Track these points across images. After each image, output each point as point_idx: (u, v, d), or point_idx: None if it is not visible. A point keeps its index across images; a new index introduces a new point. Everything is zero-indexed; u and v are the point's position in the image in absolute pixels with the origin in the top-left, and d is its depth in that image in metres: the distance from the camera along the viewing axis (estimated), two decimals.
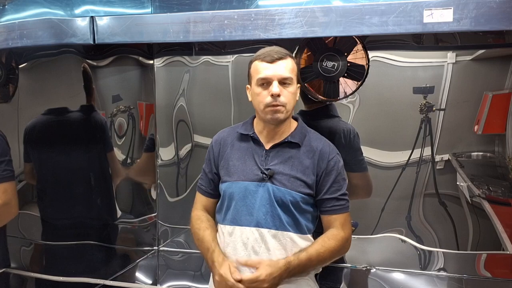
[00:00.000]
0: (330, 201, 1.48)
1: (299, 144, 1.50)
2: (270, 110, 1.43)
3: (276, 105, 1.42)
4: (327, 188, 1.48)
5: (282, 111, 1.43)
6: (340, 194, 1.49)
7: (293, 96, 1.45)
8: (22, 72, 2.07)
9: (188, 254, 2.16)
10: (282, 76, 1.42)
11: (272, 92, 1.41)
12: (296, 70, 1.47)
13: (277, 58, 1.42)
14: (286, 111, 1.44)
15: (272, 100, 1.42)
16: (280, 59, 1.42)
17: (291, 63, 1.44)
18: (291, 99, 1.44)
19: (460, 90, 1.73)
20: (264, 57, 1.43)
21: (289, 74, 1.42)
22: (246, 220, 1.47)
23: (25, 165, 2.10)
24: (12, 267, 2.10)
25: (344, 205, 1.50)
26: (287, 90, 1.43)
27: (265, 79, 1.42)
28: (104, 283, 1.99)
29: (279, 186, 1.46)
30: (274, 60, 1.42)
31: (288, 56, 1.44)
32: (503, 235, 1.74)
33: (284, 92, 1.42)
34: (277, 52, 1.43)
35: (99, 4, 1.77)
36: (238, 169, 1.51)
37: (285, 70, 1.42)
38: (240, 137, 1.56)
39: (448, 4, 1.35)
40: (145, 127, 2.16)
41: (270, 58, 1.42)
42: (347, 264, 1.90)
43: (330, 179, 1.48)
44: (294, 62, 1.47)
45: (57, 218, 2.14)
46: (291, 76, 1.43)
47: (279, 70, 1.41)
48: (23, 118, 2.07)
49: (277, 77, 1.41)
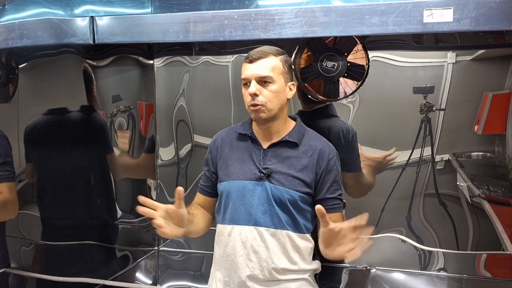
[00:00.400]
0: (329, 200, 1.49)
1: (297, 143, 1.50)
2: (251, 110, 1.45)
3: (255, 104, 1.43)
4: (327, 187, 1.49)
5: (263, 110, 1.44)
6: (339, 194, 1.50)
7: (275, 95, 1.44)
8: (22, 72, 2.07)
9: (188, 254, 2.16)
10: (259, 75, 1.42)
11: (248, 92, 1.43)
12: (281, 68, 1.45)
13: (256, 58, 1.43)
14: (267, 110, 1.44)
15: (251, 100, 1.43)
16: (259, 59, 1.43)
17: (273, 62, 1.44)
18: (272, 97, 1.44)
19: (460, 90, 1.72)
20: (246, 57, 1.46)
21: (268, 73, 1.43)
22: (244, 219, 1.47)
23: (26, 165, 2.10)
24: (12, 267, 2.10)
25: (341, 204, 1.52)
26: (267, 89, 1.43)
27: (245, 79, 1.45)
28: (104, 283, 1.99)
29: (277, 185, 1.46)
30: (253, 60, 1.44)
31: (270, 55, 1.44)
32: (503, 235, 1.74)
33: (263, 91, 1.43)
34: (258, 52, 1.44)
35: (99, 4, 1.77)
36: (236, 168, 1.51)
37: (264, 69, 1.42)
38: (239, 136, 1.56)
39: (448, 4, 1.35)
40: (145, 127, 2.16)
41: (250, 58, 1.44)
42: (347, 264, 1.90)
43: (330, 179, 1.49)
44: (281, 60, 1.46)
45: (57, 218, 2.13)
46: (270, 75, 1.43)
47: (256, 70, 1.43)
48: (23, 118, 2.07)
49: (255, 76, 1.43)
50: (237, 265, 1.48)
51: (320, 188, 1.49)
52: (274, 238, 1.45)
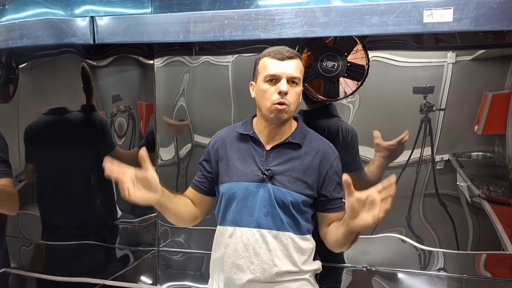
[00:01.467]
0: (336, 200, 1.50)
1: (300, 144, 1.50)
2: (275, 108, 1.42)
3: (282, 103, 1.41)
4: (333, 188, 1.49)
5: (286, 111, 1.43)
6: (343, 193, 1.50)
7: (298, 97, 1.45)
8: (22, 72, 2.07)
9: (188, 254, 2.16)
10: (292, 75, 1.41)
11: (280, 89, 1.40)
12: (303, 72, 1.46)
13: (287, 56, 1.42)
14: (290, 111, 1.44)
15: (279, 98, 1.41)
16: (290, 58, 1.42)
17: (299, 64, 1.45)
18: (296, 99, 1.44)
19: (460, 90, 1.72)
20: (275, 54, 1.43)
21: (297, 74, 1.43)
22: (246, 221, 1.47)
23: (26, 165, 2.10)
24: (12, 267, 2.10)
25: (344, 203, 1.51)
26: (293, 90, 1.43)
27: (274, 75, 1.42)
28: (104, 283, 1.99)
29: (280, 187, 1.45)
30: (284, 58, 1.42)
31: (297, 57, 1.45)
32: (503, 235, 1.74)
33: (291, 91, 1.42)
34: (288, 51, 1.43)
35: (99, 4, 1.77)
36: (238, 169, 1.50)
37: (294, 70, 1.42)
38: (240, 137, 1.55)
39: (448, 4, 1.35)
40: (145, 127, 2.16)
41: (280, 55, 1.42)
42: (347, 264, 1.90)
43: (335, 180, 1.49)
44: (302, 64, 1.47)
45: (57, 218, 2.14)
46: (299, 76, 1.43)
47: (288, 69, 1.41)
48: (23, 118, 2.07)
49: (287, 75, 1.41)
50: (238, 267, 1.47)
51: (325, 189, 1.49)
52: (277, 240, 1.45)
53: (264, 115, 1.47)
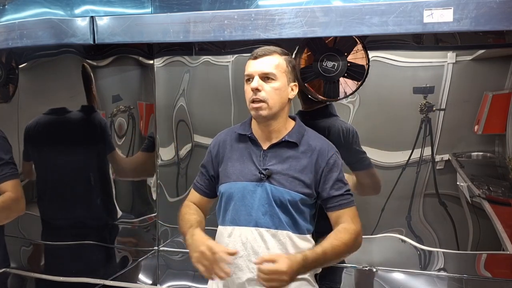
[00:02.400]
0: (336, 197, 1.47)
1: (296, 143, 1.50)
2: (253, 106, 1.45)
3: (257, 100, 1.43)
4: (331, 185, 1.47)
5: (264, 107, 1.44)
6: (345, 190, 1.49)
7: (277, 92, 1.44)
8: (22, 72, 2.07)
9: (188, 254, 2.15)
10: (263, 71, 1.43)
11: (251, 87, 1.43)
12: (284, 67, 1.46)
13: (261, 54, 1.44)
14: (268, 107, 1.44)
15: (252, 95, 1.43)
16: (264, 56, 1.44)
17: (277, 59, 1.45)
18: (274, 95, 1.44)
19: (460, 90, 1.72)
20: (251, 55, 1.47)
21: (271, 70, 1.43)
22: (245, 220, 1.47)
23: (24, 163, 2.10)
24: (12, 267, 2.10)
25: (350, 199, 1.49)
26: (269, 86, 1.43)
27: (248, 75, 1.45)
28: (104, 283, 1.99)
29: (278, 186, 1.46)
30: (257, 57, 1.45)
31: (275, 53, 1.45)
32: (503, 235, 1.74)
33: (265, 87, 1.43)
34: (263, 49, 1.46)
35: (99, 4, 1.77)
36: (236, 169, 1.51)
37: (267, 66, 1.43)
38: (238, 137, 1.56)
39: (448, 4, 1.35)
40: (145, 127, 2.16)
41: (254, 55, 1.46)
42: (347, 264, 1.90)
43: (332, 177, 1.48)
44: (284, 59, 1.47)
45: (57, 218, 2.13)
46: (273, 72, 1.43)
47: (260, 66, 1.44)
48: (23, 118, 2.07)
49: (258, 72, 1.43)
50: (237, 266, 1.47)
51: (323, 188, 1.48)
52: (275, 239, 1.45)
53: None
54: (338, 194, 1.48)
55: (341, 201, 1.48)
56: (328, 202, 1.49)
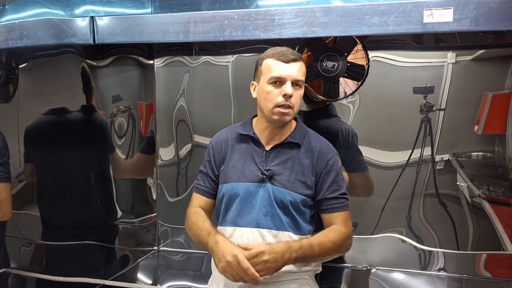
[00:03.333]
0: (330, 200, 1.48)
1: (299, 144, 1.50)
2: (279, 111, 1.43)
3: (287, 106, 1.42)
4: (326, 187, 1.48)
5: (290, 113, 1.44)
6: (340, 193, 1.49)
7: (300, 100, 1.47)
8: (22, 72, 2.07)
9: (188, 254, 2.16)
10: (296, 78, 1.42)
11: (285, 92, 1.40)
12: (306, 74, 1.47)
13: (292, 59, 1.42)
14: (293, 113, 1.45)
15: (283, 100, 1.41)
16: (294, 61, 1.42)
17: (303, 67, 1.45)
18: (299, 102, 1.46)
19: (460, 90, 1.72)
20: (279, 56, 1.43)
21: (302, 77, 1.44)
22: (246, 221, 1.47)
23: (25, 165, 2.10)
24: (12, 267, 2.10)
25: (344, 203, 1.50)
26: (297, 93, 1.43)
27: (279, 78, 1.42)
28: (104, 283, 1.99)
29: (279, 187, 1.46)
30: (289, 61, 1.42)
31: (301, 59, 1.45)
32: (503, 235, 1.74)
33: (295, 94, 1.42)
34: (293, 53, 1.43)
35: (99, 4, 1.77)
36: (237, 170, 1.51)
37: (299, 73, 1.43)
38: (239, 137, 1.55)
39: (448, 4, 1.35)
40: (145, 127, 2.16)
41: (285, 58, 1.42)
42: (347, 264, 1.90)
43: (329, 179, 1.48)
44: (305, 66, 1.47)
45: (57, 218, 2.13)
46: (303, 79, 1.44)
47: (293, 72, 1.42)
48: (23, 118, 2.07)
49: (292, 78, 1.41)
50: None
51: (320, 189, 1.49)
52: (276, 239, 1.45)
53: (266, 116, 1.47)
54: (333, 196, 1.48)
55: (335, 204, 1.48)
56: (323, 203, 1.49)
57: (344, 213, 1.49)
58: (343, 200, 1.50)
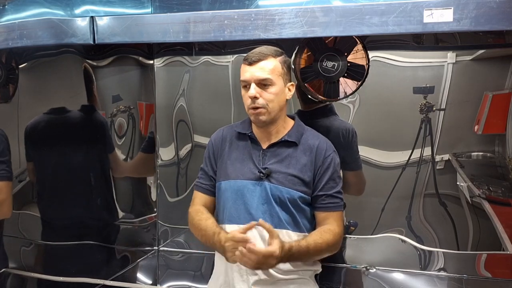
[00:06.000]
0: (325, 197, 1.49)
1: (296, 143, 1.50)
2: (251, 113, 1.46)
3: (255, 107, 1.43)
4: (322, 185, 1.49)
5: (263, 113, 1.44)
6: (335, 191, 1.50)
7: (275, 97, 1.45)
8: (22, 72, 2.07)
9: (188, 254, 2.16)
10: (259, 77, 1.43)
11: (248, 95, 1.43)
12: (280, 69, 1.46)
13: (255, 60, 1.43)
14: (268, 112, 1.45)
15: (251, 103, 1.44)
16: (258, 61, 1.43)
17: (272, 63, 1.44)
18: (273, 98, 1.45)
19: (460, 90, 1.72)
20: (245, 59, 1.46)
21: (267, 75, 1.43)
22: (244, 219, 1.47)
23: (27, 164, 2.10)
24: (11, 267, 2.10)
25: (339, 203, 1.51)
26: (267, 91, 1.44)
27: (244, 81, 1.45)
28: (104, 283, 1.99)
29: (277, 185, 1.46)
30: (252, 63, 1.44)
31: (269, 56, 1.44)
32: (503, 235, 1.73)
33: (264, 94, 1.43)
34: (257, 54, 1.44)
35: (99, 4, 1.77)
36: (235, 168, 1.51)
37: (263, 72, 1.43)
38: (238, 136, 1.57)
39: (448, 4, 1.35)
40: (145, 127, 2.16)
41: (249, 60, 1.44)
42: (347, 264, 1.90)
43: (326, 176, 1.49)
44: (280, 61, 1.46)
45: (57, 218, 2.13)
46: (269, 77, 1.43)
47: (256, 72, 1.43)
48: (23, 118, 2.07)
49: (254, 79, 1.43)
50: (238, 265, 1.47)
51: (316, 186, 1.49)
52: None
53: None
54: (328, 194, 1.49)
55: (330, 204, 1.49)
56: (317, 200, 1.50)
57: (337, 213, 1.50)
58: (337, 199, 1.50)
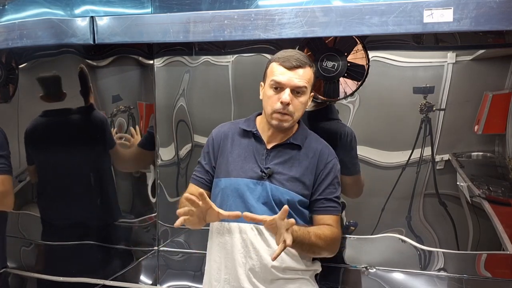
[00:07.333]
0: (324, 201, 1.49)
1: (300, 145, 1.50)
2: (277, 117, 1.43)
3: (283, 113, 1.41)
4: (322, 189, 1.49)
5: (288, 120, 1.43)
6: (335, 196, 1.50)
7: (303, 106, 1.45)
8: (22, 72, 2.07)
9: (188, 254, 2.16)
10: (296, 85, 1.41)
11: (281, 100, 1.40)
12: (312, 80, 1.45)
13: (295, 66, 1.40)
14: (292, 120, 1.44)
15: (280, 107, 1.41)
16: (298, 68, 1.40)
17: (308, 73, 1.43)
18: (300, 108, 1.44)
19: (460, 90, 1.72)
20: (283, 61, 1.41)
21: (303, 84, 1.41)
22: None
23: (28, 167, 2.10)
24: (11, 267, 2.10)
25: (337, 208, 1.51)
26: (298, 100, 1.42)
27: (279, 83, 1.41)
28: (104, 283, 1.99)
29: (278, 186, 1.46)
30: (292, 68, 1.40)
31: (307, 65, 1.43)
32: (503, 235, 1.73)
33: (294, 101, 1.41)
34: (297, 60, 1.41)
35: (99, 4, 1.77)
36: (237, 165, 1.51)
37: (300, 79, 1.41)
38: (242, 133, 1.56)
39: (448, 4, 1.35)
40: (145, 127, 2.16)
41: (288, 64, 1.40)
42: (347, 264, 1.90)
43: (326, 181, 1.50)
44: (313, 71, 1.45)
45: (57, 218, 2.14)
46: (305, 86, 1.42)
47: (294, 79, 1.40)
48: (23, 118, 2.07)
49: (291, 85, 1.40)
50: (238, 262, 1.47)
51: (316, 190, 1.50)
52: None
53: (267, 119, 1.48)
54: (327, 198, 1.49)
55: (329, 207, 1.50)
56: (316, 204, 1.50)
57: (336, 216, 1.51)
58: (335, 204, 1.51)
